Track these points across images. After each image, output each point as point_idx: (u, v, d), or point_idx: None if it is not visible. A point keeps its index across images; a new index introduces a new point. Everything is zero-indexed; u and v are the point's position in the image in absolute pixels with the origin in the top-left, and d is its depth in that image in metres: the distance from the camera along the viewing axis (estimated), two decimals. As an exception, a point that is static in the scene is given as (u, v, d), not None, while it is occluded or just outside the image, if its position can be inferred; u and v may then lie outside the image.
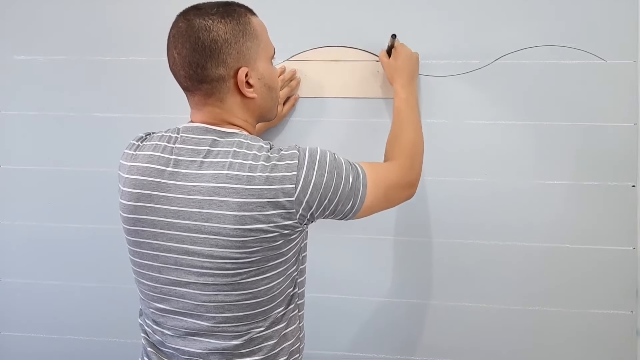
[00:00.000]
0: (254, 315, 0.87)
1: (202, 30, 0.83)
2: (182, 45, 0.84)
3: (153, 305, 0.90)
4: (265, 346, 0.89)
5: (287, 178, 0.82)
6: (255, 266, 0.83)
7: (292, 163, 0.83)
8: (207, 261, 0.83)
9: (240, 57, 0.85)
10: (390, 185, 0.96)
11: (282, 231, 0.83)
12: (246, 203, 0.80)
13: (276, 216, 0.81)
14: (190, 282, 0.85)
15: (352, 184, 0.88)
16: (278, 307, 0.90)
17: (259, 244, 0.82)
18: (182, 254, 0.84)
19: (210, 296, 0.85)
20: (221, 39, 0.83)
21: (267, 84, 0.91)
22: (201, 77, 0.84)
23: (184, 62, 0.84)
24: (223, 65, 0.84)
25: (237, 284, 0.84)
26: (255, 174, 0.81)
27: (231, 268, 0.82)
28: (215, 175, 0.82)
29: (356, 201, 0.89)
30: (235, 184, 0.81)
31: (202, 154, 0.84)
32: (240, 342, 0.87)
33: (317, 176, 0.84)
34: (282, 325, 0.91)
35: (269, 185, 0.81)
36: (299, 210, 0.83)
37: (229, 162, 0.82)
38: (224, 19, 0.84)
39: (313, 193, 0.83)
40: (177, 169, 0.84)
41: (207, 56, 0.83)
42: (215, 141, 0.85)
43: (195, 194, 0.82)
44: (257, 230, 0.81)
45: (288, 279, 0.90)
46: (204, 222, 0.81)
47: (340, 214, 0.89)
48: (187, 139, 0.86)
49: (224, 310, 0.85)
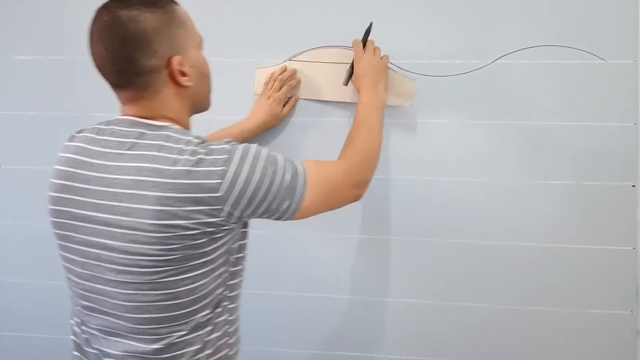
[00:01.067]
0: (175, 317, 0.82)
1: (130, 21, 0.79)
2: (109, 39, 0.80)
3: (79, 303, 0.87)
4: (187, 352, 0.83)
5: (214, 173, 0.78)
6: (175, 265, 0.79)
7: (221, 158, 0.79)
8: (124, 257, 0.79)
9: (172, 45, 0.82)
10: (334, 185, 0.93)
11: (205, 229, 0.79)
12: (165, 197, 0.77)
13: (198, 213, 0.78)
14: (110, 279, 0.81)
15: (289, 182, 0.84)
16: (202, 310, 0.84)
17: (178, 241, 0.78)
18: (102, 249, 0.80)
19: (129, 295, 0.81)
20: (151, 28, 0.80)
21: (200, 71, 0.89)
22: (134, 70, 0.81)
23: (114, 56, 0.80)
24: (155, 56, 0.81)
25: (155, 283, 0.80)
26: (177, 168, 0.78)
27: (149, 266, 0.78)
28: (137, 167, 0.79)
29: (293, 200, 0.85)
30: (156, 178, 0.77)
31: (127, 146, 0.81)
32: (160, 346, 0.82)
33: (248, 172, 0.80)
34: (206, 330, 0.85)
35: (191, 179, 0.77)
36: (226, 208, 0.79)
37: (153, 155, 0.79)
38: (149, 8, 0.81)
39: (243, 190, 0.80)
40: (101, 161, 0.82)
41: (138, 48, 0.80)
42: (142, 134, 0.82)
43: (115, 187, 0.79)
44: (176, 227, 0.77)
45: (216, 280, 0.85)
46: (123, 216, 0.78)
47: (276, 214, 0.86)
48: (114, 131, 0.84)
49: (143, 311, 0.81)
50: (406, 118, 1.27)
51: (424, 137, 1.27)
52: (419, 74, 1.26)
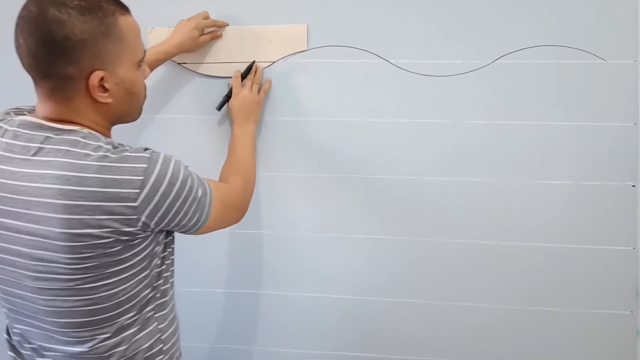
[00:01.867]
0: (97, 321, 0.80)
1: (55, 23, 0.73)
2: (29, 33, 0.75)
3: (4, 305, 0.86)
4: (115, 352, 0.83)
5: (130, 182, 0.75)
6: (91, 272, 0.77)
7: (139, 167, 0.76)
8: (39, 265, 0.76)
9: (96, 60, 0.76)
10: (229, 207, 0.97)
11: (120, 237, 0.76)
12: (74, 206, 0.73)
13: (111, 221, 0.75)
14: (27, 285, 0.79)
15: (201, 199, 0.85)
16: (127, 312, 0.83)
17: (91, 250, 0.75)
18: (16, 256, 0.78)
19: (47, 301, 0.79)
20: (76, 37, 0.74)
21: (127, 89, 0.83)
22: (47, 71, 0.76)
23: (28, 52, 0.75)
24: (74, 65, 0.75)
25: (73, 290, 0.77)
26: (87, 175, 0.74)
27: (65, 273, 0.76)
28: (42, 175, 0.75)
29: (201, 217, 0.86)
30: (62, 185, 0.73)
31: (32, 152, 0.77)
32: (85, 348, 0.81)
33: (168, 185, 0.78)
34: (133, 331, 0.84)
35: (103, 187, 0.74)
36: (141, 218, 0.77)
37: (58, 162, 0.75)
38: (84, 15, 0.74)
39: (160, 201, 0.78)
40: (6, 166, 0.78)
41: (56, 53, 0.74)
42: (48, 138, 0.77)
43: (22, 194, 0.75)
44: (87, 236, 0.74)
45: (139, 284, 0.83)
46: (33, 224, 0.75)
47: (184, 228, 0.86)
48: (19, 134, 0.79)
49: (64, 315, 0.79)
50: (406, 118, 1.27)
51: (424, 137, 1.27)
52: (419, 74, 1.26)
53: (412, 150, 1.28)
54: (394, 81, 1.27)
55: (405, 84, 1.26)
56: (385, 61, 1.27)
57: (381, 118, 1.28)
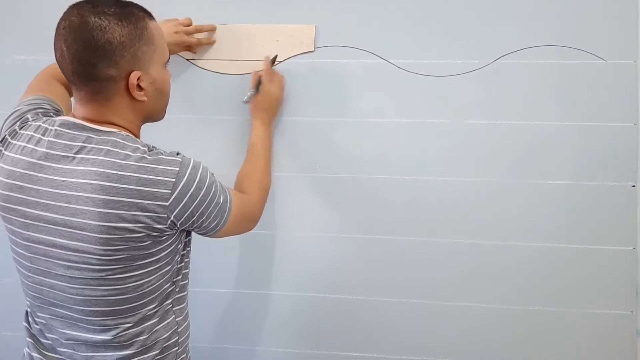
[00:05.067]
0: (122, 310, 0.87)
1: (97, 29, 0.81)
2: (72, 40, 0.82)
3: (29, 294, 0.92)
4: (136, 341, 0.89)
5: (163, 183, 0.83)
6: (121, 264, 0.84)
7: (172, 170, 0.84)
8: (73, 255, 0.83)
9: (134, 60, 0.85)
10: (245, 217, 1.04)
11: (151, 233, 0.84)
12: (112, 201, 0.80)
13: (145, 217, 0.82)
14: (58, 274, 0.85)
15: (222, 205, 0.93)
16: (149, 303, 0.89)
17: (124, 242, 0.82)
18: (51, 247, 0.84)
19: (77, 290, 0.85)
20: (116, 41, 0.82)
21: (158, 88, 0.91)
22: (90, 74, 0.83)
23: (73, 57, 0.82)
24: (115, 67, 0.83)
25: (103, 280, 0.84)
26: (126, 173, 0.81)
27: (97, 264, 0.83)
28: (84, 172, 0.82)
29: (220, 221, 0.94)
30: (103, 181, 0.81)
31: (74, 150, 0.84)
32: (108, 336, 0.88)
33: (196, 189, 0.86)
34: (154, 321, 0.91)
35: (140, 186, 0.81)
36: (170, 217, 0.84)
37: (100, 160, 0.82)
38: (121, 21, 0.83)
39: (187, 203, 0.85)
40: (48, 163, 0.84)
41: (99, 56, 0.82)
42: (90, 138, 0.85)
43: (63, 189, 0.82)
44: (122, 229, 0.81)
45: (162, 277, 0.90)
46: (71, 217, 0.82)
47: (204, 230, 0.93)
48: (61, 133, 0.86)
49: (91, 304, 0.86)
50: (406, 118, 1.27)
51: (424, 137, 1.27)
52: (419, 74, 1.26)
53: (412, 150, 1.28)
54: (394, 81, 1.27)
55: (405, 84, 1.26)
56: (386, 61, 1.27)
57: (381, 118, 1.28)
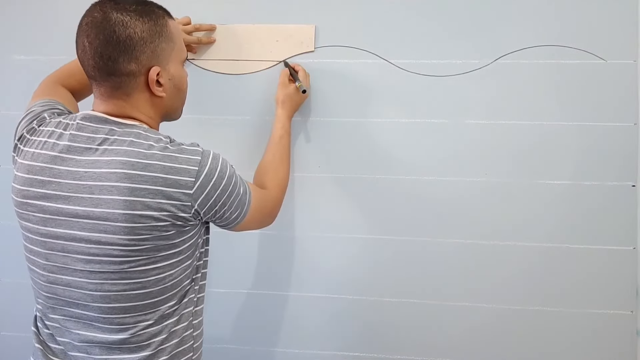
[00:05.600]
0: (142, 306, 0.86)
1: (119, 24, 0.83)
2: (95, 35, 0.83)
3: (41, 295, 0.90)
4: (153, 342, 0.87)
5: (187, 171, 0.84)
6: (145, 255, 0.83)
7: (194, 159, 0.85)
8: (94, 247, 0.82)
9: (154, 56, 0.86)
10: (265, 212, 1.05)
11: (175, 222, 0.84)
12: (138, 189, 0.81)
13: (169, 206, 0.83)
14: (77, 269, 0.84)
15: (242, 196, 0.94)
16: (169, 300, 0.89)
17: (149, 231, 0.82)
18: (70, 240, 0.83)
19: (96, 285, 0.84)
20: (137, 36, 0.84)
21: (176, 85, 0.93)
22: (111, 69, 0.84)
23: (94, 52, 0.83)
24: (135, 62, 0.85)
25: (124, 272, 0.83)
26: (151, 162, 0.82)
27: (119, 255, 0.82)
28: (108, 161, 0.82)
29: (241, 213, 0.95)
30: (127, 170, 0.81)
31: (97, 142, 0.85)
32: (126, 335, 0.86)
33: (218, 178, 0.87)
34: (172, 321, 0.90)
35: (164, 174, 0.82)
36: (194, 205, 0.85)
37: (124, 150, 0.83)
38: (142, 17, 0.85)
39: (210, 192, 0.86)
40: (70, 155, 0.85)
41: (120, 50, 0.83)
42: (112, 130, 0.86)
43: (87, 180, 0.82)
44: (148, 217, 0.81)
45: (183, 272, 0.90)
46: (94, 207, 0.81)
47: (226, 221, 0.94)
48: (83, 127, 0.86)
49: (111, 300, 0.84)
50: (406, 118, 1.27)
51: (424, 137, 1.27)
52: (419, 74, 1.26)
53: (412, 150, 1.28)
54: (394, 81, 1.27)
55: (405, 84, 1.27)
56: (386, 61, 1.27)
57: (381, 118, 1.28)
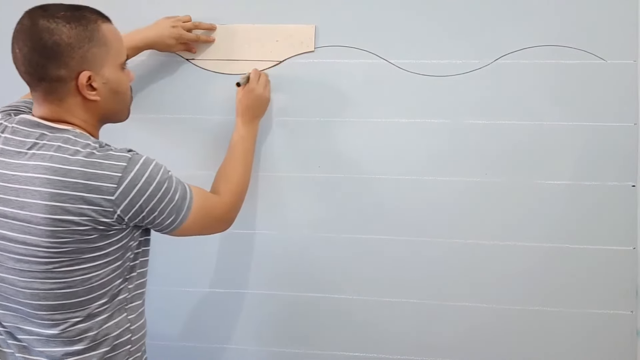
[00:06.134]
0: (70, 305, 0.88)
1: (45, 31, 0.84)
2: (23, 42, 0.85)
3: None
4: (85, 337, 0.90)
5: (109, 177, 0.85)
6: (68, 256, 0.85)
7: (119, 165, 0.86)
8: (21, 247, 0.85)
9: (84, 61, 0.87)
10: (211, 217, 1.03)
11: (97, 226, 0.85)
12: (58, 194, 0.83)
13: (90, 211, 0.84)
14: (9, 267, 0.87)
15: (177, 202, 0.93)
16: (99, 298, 0.90)
17: (70, 235, 0.84)
18: (2, 240, 0.87)
19: (26, 283, 0.87)
20: (64, 42, 0.85)
21: (113, 88, 0.92)
22: (41, 75, 0.86)
23: (24, 59, 0.86)
24: (65, 68, 0.86)
25: (50, 272, 0.86)
26: (72, 168, 0.84)
27: (44, 256, 0.85)
28: (34, 166, 0.84)
29: (177, 219, 0.94)
30: (50, 175, 0.83)
31: (27, 146, 0.87)
32: (57, 331, 0.89)
33: (144, 184, 0.87)
34: (103, 317, 0.91)
35: (85, 180, 0.83)
36: (117, 211, 0.86)
37: (50, 155, 0.85)
38: (69, 23, 0.85)
39: (135, 198, 0.87)
40: (2, 158, 0.87)
41: (48, 57, 0.85)
42: (43, 135, 0.87)
43: (13, 183, 0.85)
44: (68, 222, 0.83)
45: (112, 272, 0.91)
46: (19, 210, 0.84)
47: (159, 227, 0.94)
48: (17, 130, 0.89)
49: (40, 298, 0.87)
50: (406, 118, 1.27)
51: (424, 137, 1.27)
52: (419, 74, 1.26)
53: (412, 150, 1.28)
54: (395, 81, 1.27)
55: (405, 84, 1.26)
56: (386, 61, 1.27)
57: (381, 118, 1.28)
